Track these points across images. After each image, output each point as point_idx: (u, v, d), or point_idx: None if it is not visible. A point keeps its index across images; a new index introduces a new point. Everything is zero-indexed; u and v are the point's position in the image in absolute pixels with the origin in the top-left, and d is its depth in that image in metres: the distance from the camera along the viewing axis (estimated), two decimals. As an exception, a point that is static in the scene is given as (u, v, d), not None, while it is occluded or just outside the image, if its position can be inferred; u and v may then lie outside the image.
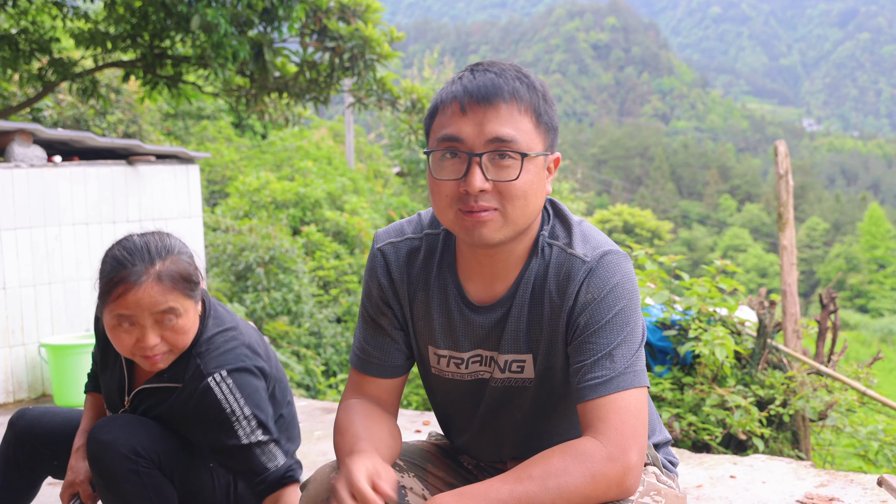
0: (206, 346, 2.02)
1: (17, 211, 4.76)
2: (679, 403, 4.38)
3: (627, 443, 1.47)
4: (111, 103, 14.30)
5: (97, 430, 1.93)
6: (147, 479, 1.94)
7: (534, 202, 1.52)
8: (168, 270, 1.94)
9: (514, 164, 1.47)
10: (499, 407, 1.69)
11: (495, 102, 1.47)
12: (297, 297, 11.97)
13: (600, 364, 1.50)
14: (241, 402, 1.98)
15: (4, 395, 4.73)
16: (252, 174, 18.03)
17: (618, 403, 1.49)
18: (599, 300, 1.52)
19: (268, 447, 2.02)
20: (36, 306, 4.84)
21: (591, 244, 1.57)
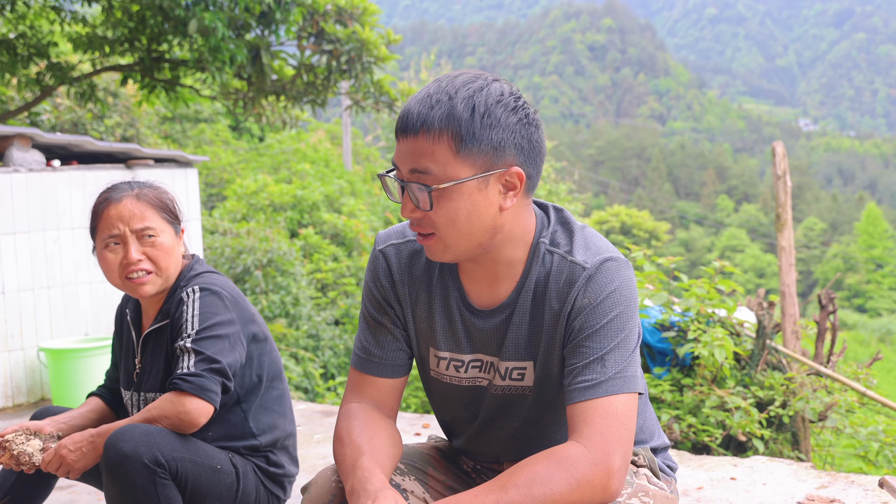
0: (192, 279, 2.19)
1: (15, 215, 4.76)
2: (678, 405, 4.38)
3: (611, 447, 1.46)
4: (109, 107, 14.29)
5: (116, 440, 1.93)
6: (161, 490, 1.96)
7: (469, 228, 1.50)
8: (146, 193, 2.21)
9: (426, 196, 1.49)
10: (497, 413, 1.70)
11: (410, 134, 1.48)
12: (295, 300, 11.97)
13: (591, 368, 1.51)
14: (195, 311, 2.08)
15: (4, 400, 4.73)
16: (250, 177, 18.02)
17: (604, 408, 1.49)
18: (596, 305, 1.52)
19: (189, 354, 2.05)
20: (35, 310, 4.83)
21: (592, 251, 1.57)
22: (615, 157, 64.62)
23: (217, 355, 2.05)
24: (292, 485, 2.31)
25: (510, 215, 1.54)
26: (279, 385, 2.27)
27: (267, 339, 2.25)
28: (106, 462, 1.94)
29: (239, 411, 2.19)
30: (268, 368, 2.23)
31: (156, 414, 2.02)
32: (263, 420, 2.22)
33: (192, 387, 2.00)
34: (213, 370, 2.03)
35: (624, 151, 65.39)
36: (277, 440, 2.24)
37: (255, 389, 2.21)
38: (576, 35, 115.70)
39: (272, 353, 2.26)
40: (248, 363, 2.18)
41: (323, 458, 3.51)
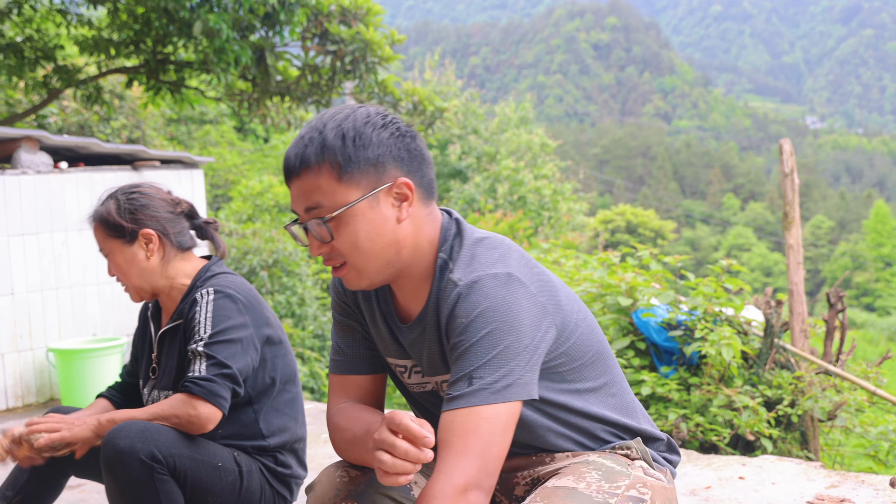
0: (207, 280, 2.19)
1: (24, 217, 4.77)
2: (686, 404, 4.37)
3: (461, 461, 1.44)
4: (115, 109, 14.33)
5: (113, 437, 1.95)
6: (160, 486, 1.96)
7: (372, 246, 1.55)
8: (96, 213, 2.24)
9: (324, 228, 1.54)
10: None
11: (293, 177, 1.55)
12: (300, 300, 11.99)
13: (457, 385, 1.49)
14: (208, 314, 2.09)
15: (14, 400, 4.75)
16: (255, 178, 18.05)
17: (462, 420, 1.46)
18: (467, 324, 1.51)
19: (201, 359, 2.06)
20: (43, 311, 4.85)
21: (473, 266, 1.56)
22: (620, 156, 64.56)
23: (228, 360, 2.06)
24: (300, 486, 2.31)
25: (410, 227, 1.57)
26: (292, 388, 2.27)
27: (282, 342, 2.25)
28: (104, 458, 1.95)
29: (250, 412, 2.19)
30: (281, 371, 2.23)
31: (167, 413, 2.03)
32: (274, 422, 2.22)
33: (204, 391, 2.02)
34: (224, 375, 2.04)
35: (629, 150, 65.32)
36: (287, 442, 2.24)
37: (268, 391, 2.21)
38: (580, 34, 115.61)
39: (287, 356, 2.26)
40: (261, 365, 2.19)
41: (330, 458, 3.51)
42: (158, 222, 2.23)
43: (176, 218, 2.27)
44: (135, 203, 2.22)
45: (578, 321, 1.67)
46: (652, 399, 4.37)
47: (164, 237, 2.24)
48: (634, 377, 4.45)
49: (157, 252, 2.22)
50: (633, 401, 1.78)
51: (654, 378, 4.38)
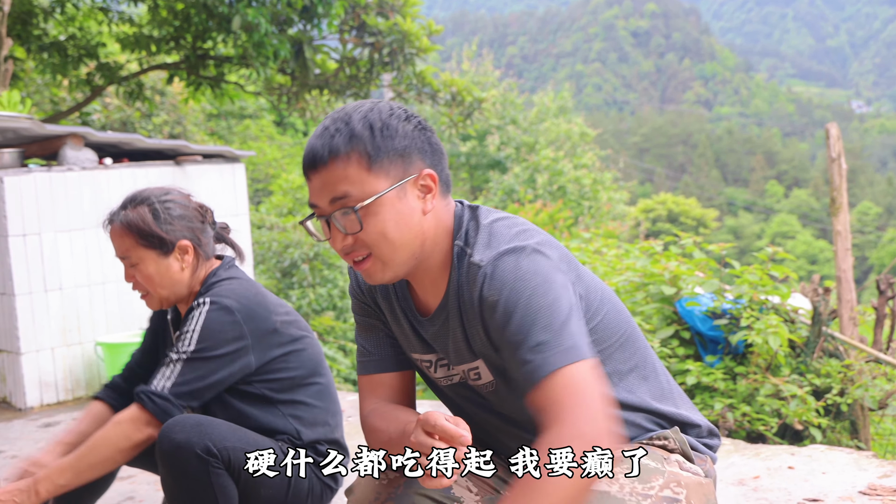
0: (211, 286, 2.17)
1: (70, 213, 4.85)
2: (732, 393, 4.32)
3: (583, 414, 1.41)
4: (156, 105, 14.50)
5: (169, 430, 1.97)
6: (215, 479, 1.98)
7: (400, 237, 1.53)
8: (129, 218, 2.16)
9: (352, 218, 1.52)
10: (480, 406, 1.69)
11: (319, 168, 1.52)
12: (341, 293, 12.05)
13: (525, 363, 1.46)
14: (198, 326, 2.07)
15: (64, 393, 4.84)
16: (295, 172, 18.17)
17: (549, 390, 1.43)
18: (502, 301, 1.49)
19: (174, 370, 2.06)
20: (91, 306, 4.93)
21: (492, 246, 1.55)
22: (661, 144, 63.89)
23: (195, 382, 2.06)
24: (344, 476, 2.31)
25: (433, 219, 1.57)
26: (319, 380, 2.26)
27: (299, 338, 2.23)
28: (160, 452, 1.97)
29: (277, 412, 2.20)
30: (302, 367, 2.22)
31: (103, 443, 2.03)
32: (305, 417, 2.22)
33: (156, 409, 2.04)
34: (182, 395, 2.05)
35: (670, 138, 64.61)
36: (324, 434, 2.25)
37: (290, 390, 2.21)
38: (618, 21, 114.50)
39: (308, 350, 2.24)
40: (276, 366, 2.18)
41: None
42: (194, 233, 2.21)
43: (205, 227, 2.26)
44: (172, 212, 2.18)
45: (603, 300, 1.65)
46: (697, 389, 4.32)
47: (199, 248, 2.22)
48: (679, 367, 4.41)
49: (191, 264, 2.21)
50: (670, 384, 1.75)
51: (699, 367, 4.33)
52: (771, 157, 60.56)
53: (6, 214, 4.65)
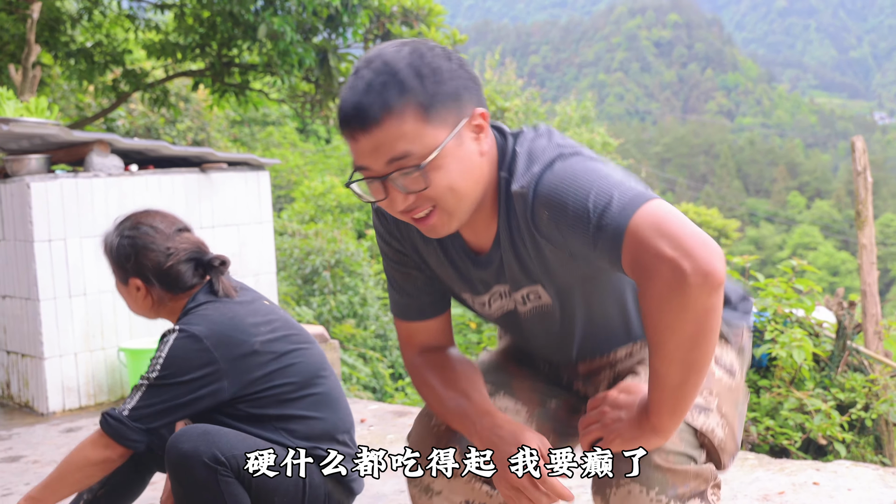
0: (187, 313, 2.21)
1: (95, 219, 4.88)
2: (755, 407, 4.29)
3: (679, 243, 1.28)
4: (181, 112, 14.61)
5: (176, 441, 1.98)
6: (225, 487, 1.98)
7: (466, 186, 1.44)
8: (105, 239, 2.29)
9: (416, 176, 1.40)
10: (539, 327, 1.67)
11: (370, 128, 1.37)
12: (362, 300, 12.06)
13: (597, 230, 1.35)
14: (164, 354, 2.10)
15: (87, 398, 4.87)
16: (317, 179, 18.24)
17: (630, 243, 1.32)
18: (553, 215, 1.40)
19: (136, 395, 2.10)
20: (114, 311, 4.96)
21: (531, 169, 1.45)
22: (682, 154, 63.63)
23: (154, 406, 2.08)
24: (358, 483, 2.29)
25: (488, 158, 1.48)
26: (315, 390, 2.22)
27: (289, 352, 2.20)
28: (168, 462, 1.98)
29: (269, 427, 2.16)
30: (292, 382, 2.19)
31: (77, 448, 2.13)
32: (299, 430, 2.18)
33: (112, 431, 2.08)
34: (140, 418, 2.08)
35: (691, 148, 64.33)
36: (326, 445, 2.20)
37: (279, 405, 2.18)
38: (641, 31, 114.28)
39: (301, 362, 2.21)
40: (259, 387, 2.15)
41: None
42: (148, 274, 2.23)
43: (169, 269, 2.22)
44: (125, 251, 2.23)
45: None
46: (720, 402, 4.29)
47: (151, 288, 2.25)
48: (701, 379, 4.37)
49: (146, 298, 2.27)
50: None
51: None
52: (793, 167, 60.16)
53: (32, 220, 4.69)
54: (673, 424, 1.41)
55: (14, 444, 4.20)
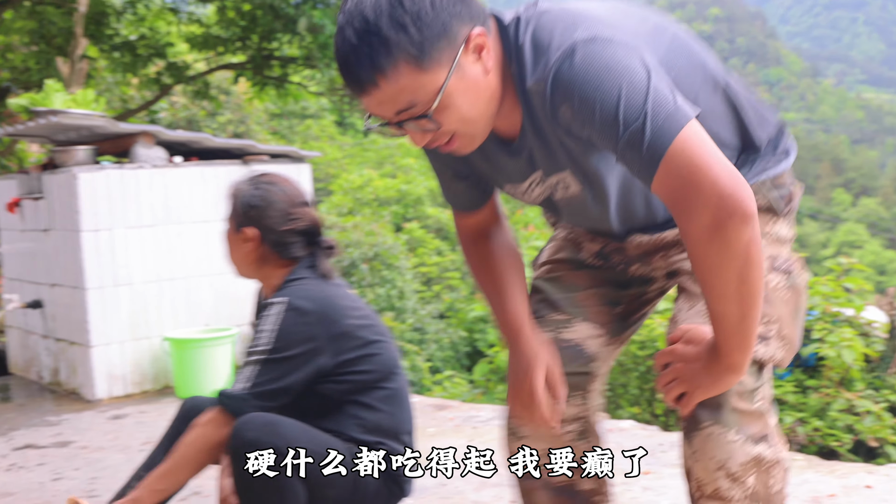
0: (289, 284, 2.22)
1: (140, 209, 4.93)
2: (802, 407, 4.21)
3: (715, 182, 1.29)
4: (221, 104, 14.74)
5: (240, 428, 1.99)
6: (284, 480, 1.98)
7: (478, 110, 1.44)
8: (232, 188, 2.33)
9: (426, 121, 1.41)
10: (577, 210, 1.68)
11: (369, 90, 1.37)
12: (400, 294, 12.08)
13: (627, 150, 1.34)
14: (273, 327, 2.10)
15: (132, 387, 4.92)
16: (355, 172, 18.30)
17: (663, 170, 1.32)
18: (575, 110, 1.37)
19: (252, 371, 2.09)
20: (159, 301, 5.01)
21: (539, 63, 1.42)
22: (723, 150, 62.71)
23: (272, 383, 2.08)
24: (410, 482, 2.29)
25: (495, 68, 1.45)
26: (389, 384, 2.25)
27: (374, 342, 2.23)
28: (231, 449, 1.99)
29: (340, 413, 2.19)
30: (373, 371, 2.21)
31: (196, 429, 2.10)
32: (368, 419, 2.20)
33: (236, 409, 2.07)
34: (261, 395, 2.08)
35: (733, 144, 63.37)
36: (384, 440, 2.22)
37: (357, 392, 2.21)
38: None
39: (382, 354, 2.24)
40: (345, 369, 2.18)
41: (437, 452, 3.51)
42: (266, 229, 2.27)
43: (285, 232, 2.27)
44: (255, 200, 2.27)
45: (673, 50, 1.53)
46: (766, 401, 4.22)
47: (264, 244, 2.27)
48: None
49: (253, 252, 2.28)
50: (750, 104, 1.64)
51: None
52: (838, 164, 59.18)
53: (79, 210, 4.75)
54: (746, 358, 1.43)
55: (63, 429, 4.26)
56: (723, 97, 1.58)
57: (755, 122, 1.62)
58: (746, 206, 1.29)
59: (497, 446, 1.79)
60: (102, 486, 3.30)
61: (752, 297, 1.36)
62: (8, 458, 3.82)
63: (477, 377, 7.57)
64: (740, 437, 1.49)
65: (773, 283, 1.58)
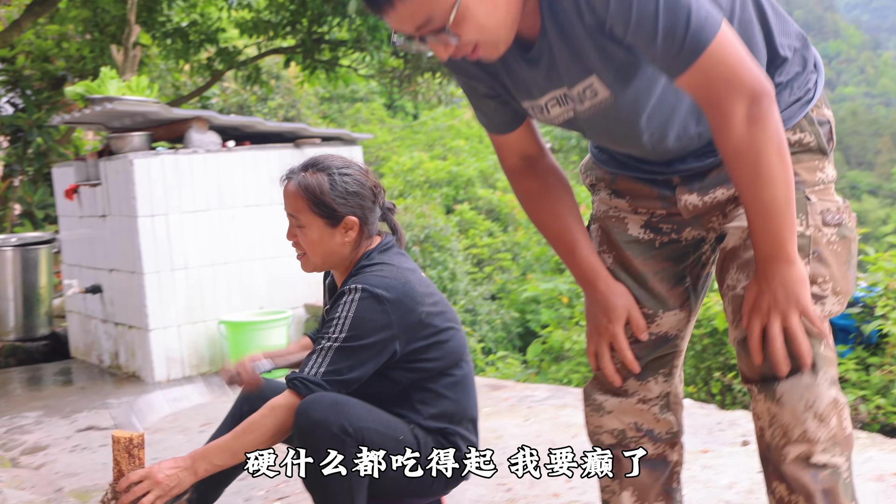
0: (363, 270, 2.17)
1: (195, 194, 5.00)
2: (864, 385, 4.11)
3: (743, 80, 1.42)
4: (272, 89, 14.84)
5: (307, 408, 1.99)
6: (349, 459, 1.97)
7: (497, 18, 1.45)
8: (304, 180, 2.17)
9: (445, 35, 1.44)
10: (603, 128, 1.67)
11: (387, 10, 1.43)
12: (451, 275, 12.08)
13: (662, 47, 1.42)
14: (349, 314, 2.07)
15: (189, 369, 5.01)
16: (405, 154, 18.33)
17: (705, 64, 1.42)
18: (616, 6, 1.41)
19: (325, 357, 2.06)
20: (214, 285, 5.08)
21: None
22: (779, 126, 61.44)
23: (347, 371, 2.06)
24: None
25: None
26: (456, 371, 2.23)
27: (444, 330, 2.20)
28: (297, 429, 1.99)
29: (406, 397, 2.19)
30: (442, 359, 2.20)
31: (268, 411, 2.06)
32: (434, 405, 2.20)
33: (306, 395, 2.05)
34: (335, 383, 2.06)
35: (788, 119, 62.05)
36: (450, 425, 2.22)
37: (425, 379, 2.20)
38: None
39: (451, 342, 2.22)
40: (417, 353, 2.16)
41: (493, 431, 3.51)
42: (363, 211, 2.21)
43: (374, 207, 2.25)
44: (348, 187, 2.19)
45: None
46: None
47: (364, 227, 2.22)
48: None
49: (353, 240, 2.21)
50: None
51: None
52: (898, 138, 57.52)
53: (135, 195, 4.83)
54: (794, 244, 1.53)
55: (122, 412, 4.34)
56: (753, 3, 1.62)
57: (780, 30, 1.65)
58: (770, 88, 1.44)
59: (548, 426, 1.78)
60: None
61: (789, 173, 1.48)
62: (72, 439, 3.91)
63: (530, 357, 7.55)
64: (825, 381, 1.55)
65: (826, 239, 1.61)
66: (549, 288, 9.21)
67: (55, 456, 3.62)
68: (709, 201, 1.71)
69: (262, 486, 3.01)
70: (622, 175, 1.79)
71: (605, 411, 1.81)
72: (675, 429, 1.84)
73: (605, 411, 1.81)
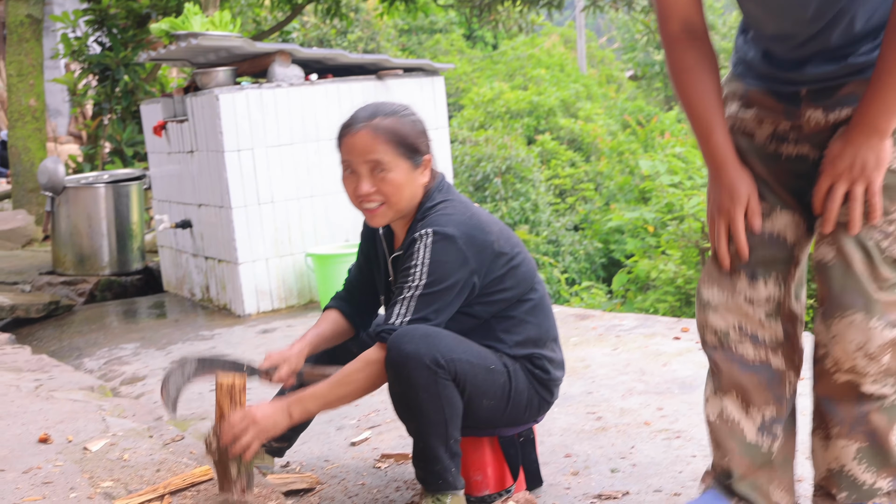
0: (428, 212, 2.15)
1: (279, 128, 5.01)
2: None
3: None
4: (352, 22, 14.77)
5: (399, 341, 1.99)
6: (442, 390, 2.00)
7: None
8: (384, 125, 2.11)
9: None
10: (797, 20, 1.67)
11: None
12: (534, 206, 11.99)
13: None
14: (426, 259, 2.06)
15: (278, 301, 5.09)
16: (485, 85, 18.09)
17: None
18: None
19: (409, 306, 2.05)
20: (300, 218, 5.12)
21: None
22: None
23: (433, 315, 2.05)
24: (558, 388, 2.28)
25: None
26: (533, 295, 2.23)
27: (514, 255, 2.20)
28: (389, 362, 1.99)
29: (489, 328, 2.19)
30: (517, 286, 2.19)
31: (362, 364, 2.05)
32: (518, 332, 2.20)
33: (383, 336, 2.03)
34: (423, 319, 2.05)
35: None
36: (536, 349, 2.22)
37: (505, 308, 2.19)
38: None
39: (522, 266, 2.21)
40: (492, 284, 2.15)
41: (581, 361, 3.47)
42: (430, 149, 2.22)
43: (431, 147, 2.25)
44: (418, 126, 2.19)
45: None
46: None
47: (433, 164, 2.23)
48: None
49: (429, 178, 2.21)
50: None
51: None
52: None
53: (222, 130, 4.87)
54: (891, 122, 1.59)
55: (216, 343, 4.46)
56: None
57: None
58: None
59: (637, 355, 1.75)
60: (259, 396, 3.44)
61: None
62: (169, 369, 4.03)
63: (615, 287, 7.47)
64: (881, 323, 1.66)
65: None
66: (635, 217, 9.05)
67: (152, 386, 3.74)
68: (832, 119, 1.71)
69: (354, 416, 3.05)
70: (753, 89, 1.82)
71: (710, 308, 1.84)
72: (782, 339, 1.83)
73: (711, 307, 1.84)
